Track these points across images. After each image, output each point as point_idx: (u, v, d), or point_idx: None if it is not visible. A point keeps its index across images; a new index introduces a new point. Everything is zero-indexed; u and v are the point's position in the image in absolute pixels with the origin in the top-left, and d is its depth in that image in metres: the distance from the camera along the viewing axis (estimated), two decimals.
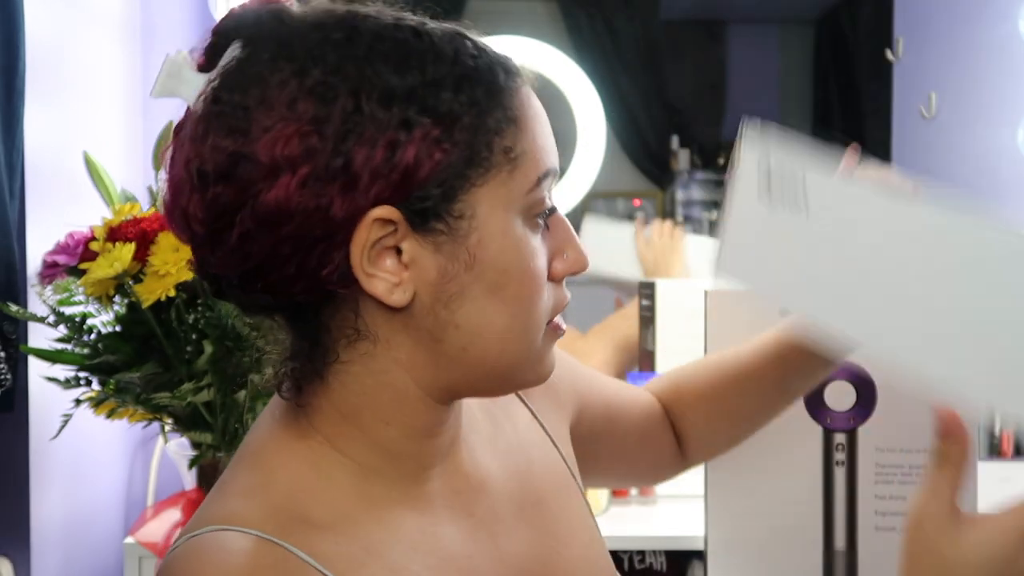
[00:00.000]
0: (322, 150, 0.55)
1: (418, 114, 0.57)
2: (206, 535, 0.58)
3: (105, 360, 1.17)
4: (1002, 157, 2.10)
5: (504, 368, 0.63)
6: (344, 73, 0.56)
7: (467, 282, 0.60)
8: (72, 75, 1.50)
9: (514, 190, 0.60)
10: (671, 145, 5.21)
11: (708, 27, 5.36)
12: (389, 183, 0.56)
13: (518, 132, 0.61)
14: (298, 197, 0.55)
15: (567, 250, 0.65)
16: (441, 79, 0.58)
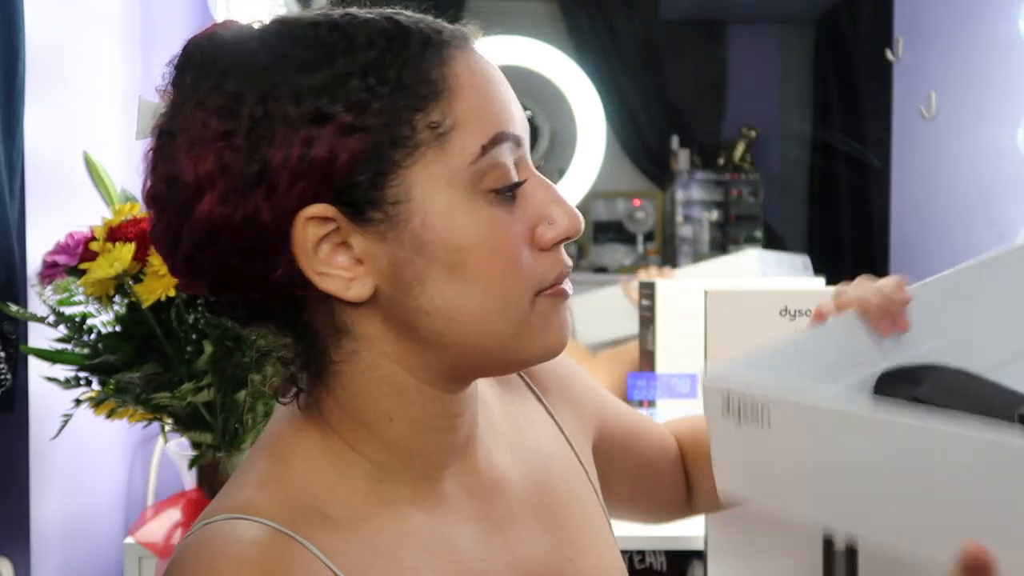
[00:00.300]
0: (236, 161, 0.56)
1: (328, 107, 0.56)
2: (220, 523, 0.59)
3: (105, 360, 1.17)
4: (1002, 157, 2.10)
5: (494, 346, 0.61)
6: (252, 82, 0.57)
7: (422, 266, 0.59)
8: (72, 75, 1.50)
9: (452, 164, 0.58)
10: (671, 145, 5.21)
11: (708, 27, 5.37)
12: (310, 181, 0.56)
13: (448, 104, 0.58)
14: (222, 210, 0.57)
15: (553, 213, 0.62)
16: (350, 69, 0.57)
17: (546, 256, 0.62)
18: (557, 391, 0.81)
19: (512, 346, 0.61)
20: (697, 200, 5.23)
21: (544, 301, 0.62)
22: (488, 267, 0.59)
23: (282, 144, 0.56)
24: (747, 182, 5.24)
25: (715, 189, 5.23)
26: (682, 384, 1.75)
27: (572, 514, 0.73)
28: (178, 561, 0.58)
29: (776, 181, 5.36)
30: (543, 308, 0.62)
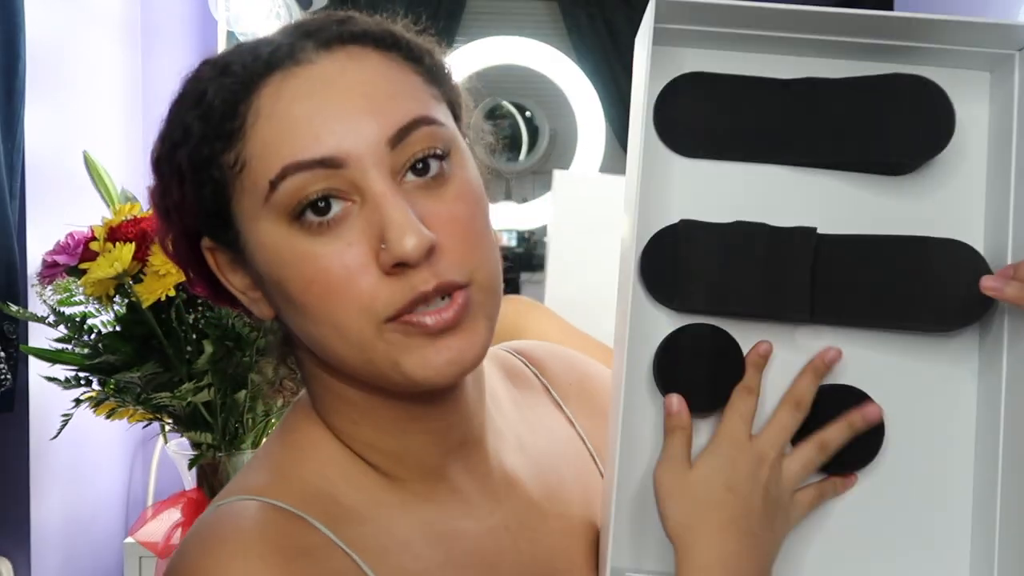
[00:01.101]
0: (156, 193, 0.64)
1: (168, 152, 0.61)
2: (233, 503, 0.60)
3: (105, 360, 1.17)
4: None
5: (358, 371, 0.60)
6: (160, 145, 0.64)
7: (272, 295, 0.61)
8: (72, 75, 1.50)
9: (251, 200, 0.58)
10: None
11: None
12: (180, 218, 0.62)
13: (243, 141, 0.58)
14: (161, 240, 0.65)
15: (387, 236, 0.55)
16: (183, 112, 0.60)
17: (389, 282, 0.56)
18: (578, 395, 0.80)
19: (373, 372, 0.59)
20: None
21: (395, 329, 0.57)
22: (307, 298, 0.57)
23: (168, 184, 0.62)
24: None
25: None
26: None
27: (582, 518, 0.73)
28: (190, 540, 0.59)
29: None
30: (394, 337, 0.57)
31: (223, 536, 0.57)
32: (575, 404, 0.79)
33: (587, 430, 0.78)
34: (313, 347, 0.61)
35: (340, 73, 0.58)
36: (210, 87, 0.59)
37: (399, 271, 0.56)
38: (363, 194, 0.57)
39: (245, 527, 0.58)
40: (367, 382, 0.61)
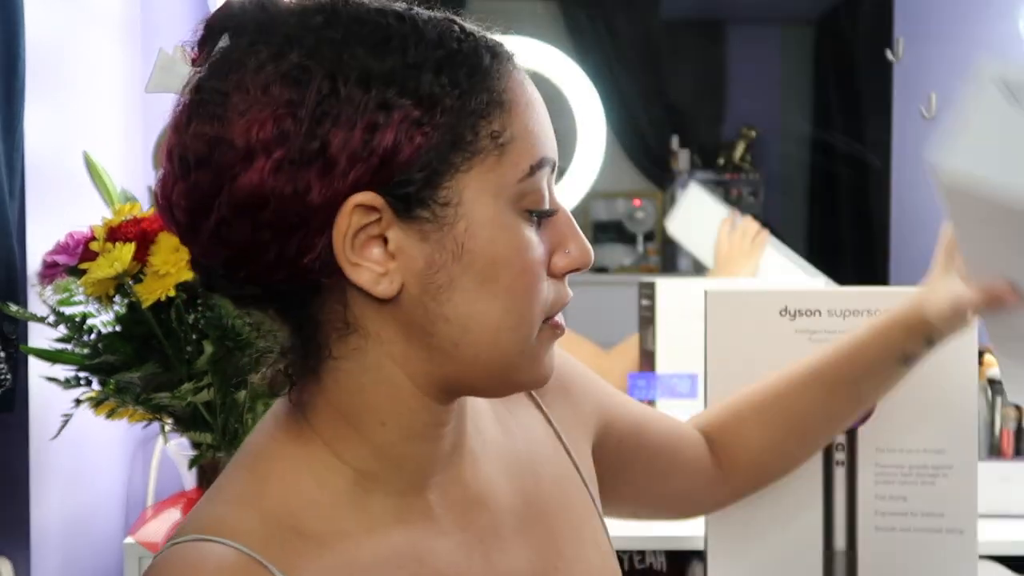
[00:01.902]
0: (296, 133, 0.54)
1: (397, 96, 0.55)
2: (188, 545, 0.58)
3: (105, 360, 1.17)
4: None
5: (498, 366, 0.61)
6: (320, 56, 0.56)
7: (456, 273, 0.58)
8: (72, 75, 1.50)
9: (504, 177, 0.58)
10: (671, 145, 5.21)
11: (708, 27, 5.36)
12: (368, 167, 0.55)
13: (507, 117, 0.59)
14: (273, 181, 0.55)
15: (570, 245, 0.62)
16: (422, 61, 0.56)
17: (557, 285, 0.62)
18: (554, 391, 0.79)
19: (513, 366, 0.61)
20: None
21: (545, 330, 0.62)
22: (516, 284, 0.59)
23: (346, 125, 0.55)
24: (747, 182, 5.24)
25: (715, 189, 5.23)
26: (682, 384, 1.75)
27: (562, 522, 0.72)
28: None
29: (776, 181, 5.35)
30: (544, 337, 0.62)
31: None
32: (550, 398, 0.78)
33: (562, 425, 0.78)
34: (461, 334, 0.59)
35: (533, 87, 0.62)
36: (464, 48, 0.58)
37: (562, 278, 0.63)
38: (557, 202, 0.62)
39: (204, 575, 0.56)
40: (473, 381, 0.62)
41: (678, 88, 5.25)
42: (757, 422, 0.90)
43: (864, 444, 1.00)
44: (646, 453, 0.86)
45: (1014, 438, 1.56)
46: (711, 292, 1.02)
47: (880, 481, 1.00)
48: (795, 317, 0.99)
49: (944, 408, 0.99)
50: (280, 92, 0.55)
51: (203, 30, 0.60)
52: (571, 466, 0.76)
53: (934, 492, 0.99)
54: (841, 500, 1.00)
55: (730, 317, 1.01)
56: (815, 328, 0.99)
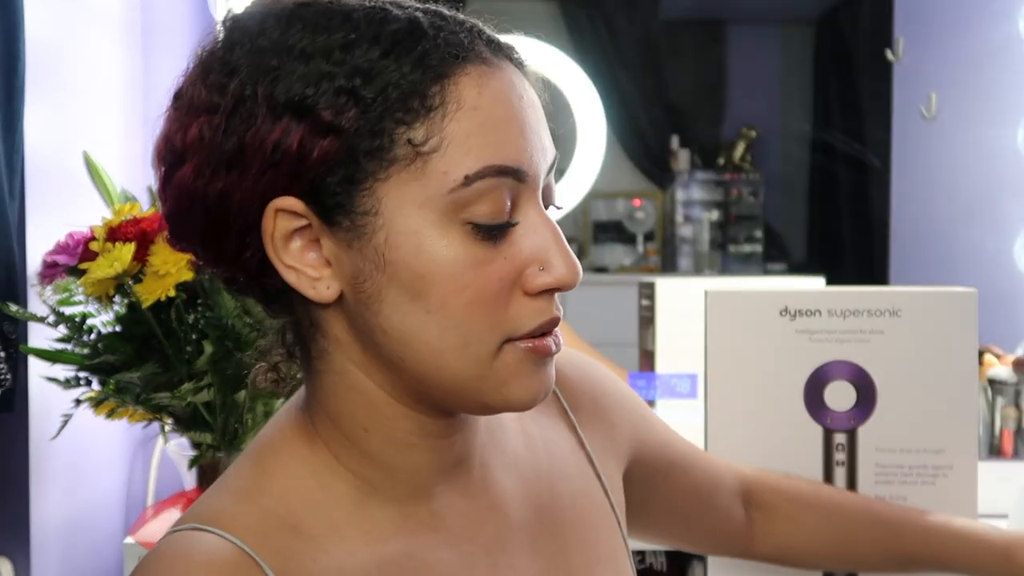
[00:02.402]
0: (213, 137, 0.55)
1: (310, 100, 0.54)
2: (185, 533, 0.58)
3: (105, 360, 1.17)
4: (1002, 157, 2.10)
5: (451, 384, 0.58)
6: (250, 59, 0.56)
7: (382, 284, 0.56)
8: (72, 75, 1.50)
9: (428, 187, 0.55)
10: (671, 145, 5.21)
11: (708, 27, 5.36)
12: (280, 172, 0.55)
13: (439, 122, 0.55)
14: (195, 182, 0.56)
15: (550, 259, 0.57)
16: (341, 67, 0.54)
17: (530, 303, 0.57)
18: (590, 409, 0.76)
19: (471, 388, 0.58)
20: (697, 200, 5.22)
21: (513, 351, 0.58)
22: (451, 302, 0.55)
23: (260, 128, 0.54)
24: (747, 182, 5.24)
25: (715, 189, 5.23)
26: (682, 384, 1.75)
27: (578, 539, 0.70)
28: (141, 568, 0.58)
29: (776, 181, 5.35)
30: (510, 359, 0.58)
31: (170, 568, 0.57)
32: (584, 417, 0.76)
33: (593, 444, 0.75)
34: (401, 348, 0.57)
35: (522, 86, 0.58)
36: (398, 47, 0.55)
37: (543, 295, 0.57)
38: (524, 213, 0.57)
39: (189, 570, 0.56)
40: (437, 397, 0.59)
41: (678, 88, 5.25)
42: (810, 525, 0.90)
43: (864, 444, 1.00)
44: (673, 494, 0.84)
45: (1014, 438, 1.56)
46: (711, 292, 1.02)
47: (880, 481, 1.00)
48: (795, 317, 0.99)
49: (944, 408, 0.99)
50: (205, 97, 0.56)
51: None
52: (597, 484, 0.74)
53: (934, 492, 0.99)
54: None
55: (730, 317, 1.01)
56: (815, 328, 0.99)
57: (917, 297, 1.00)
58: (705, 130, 5.32)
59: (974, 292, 1.00)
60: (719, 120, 5.35)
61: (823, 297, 1.00)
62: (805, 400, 0.99)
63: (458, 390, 0.58)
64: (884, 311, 0.95)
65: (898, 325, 0.99)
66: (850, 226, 4.81)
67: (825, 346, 0.92)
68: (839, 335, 0.95)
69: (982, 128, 2.19)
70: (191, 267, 1.13)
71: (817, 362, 1.00)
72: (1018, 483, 1.51)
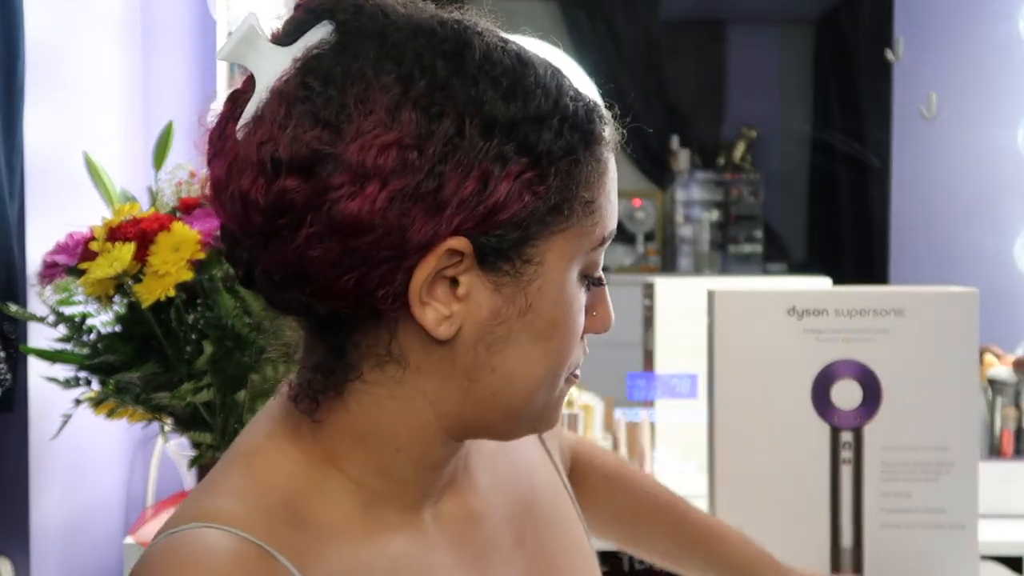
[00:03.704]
0: (418, 168, 0.52)
1: (516, 151, 0.54)
2: (188, 532, 0.55)
3: (105, 360, 1.17)
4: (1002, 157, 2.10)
5: (526, 415, 0.62)
6: (451, 90, 0.54)
7: (517, 328, 0.58)
8: (72, 75, 1.50)
9: (582, 244, 0.59)
10: (671, 145, 5.21)
11: (708, 27, 5.36)
12: (473, 215, 0.54)
13: (598, 186, 0.59)
14: (383, 212, 0.52)
15: (598, 308, 0.63)
16: (543, 116, 0.55)
17: (580, 343, 0.63)
18: None
19: (536, 417, 0.62)
20: (697, 200, 5.22)
21: (565, 384, 0.63)
22: (564, 345, 0.60)
23: (464, 169, 0.53)
24: (747, 182, 5.24)
25: (715, 189, 5.23)
26: (682, 384, 1.75)
27: (555, 537, 0.72)
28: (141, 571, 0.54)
29: (776, 181, 5.35)
30: (563, 390, 0.63)
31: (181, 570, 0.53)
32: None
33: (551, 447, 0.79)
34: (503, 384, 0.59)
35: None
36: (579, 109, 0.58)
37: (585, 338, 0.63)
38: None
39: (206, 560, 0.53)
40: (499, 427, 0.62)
41: (678, 88, 5.25)
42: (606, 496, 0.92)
43: (870, 442, 1.00)
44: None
45: (1014, 438, 1.56)
46: (719, 292, 1.02)
47: (886, 479, 1.00)
48: (802, 317, 0.99)
49: (947, 406, 0.99)
50: (409, 120, 0.53)
51: (301, 12, 0.57)
52: (556, 475, 0.77)
53: (937, 489, 0.99)
54: (847, 498, 1.00)
55: (737, 317, 1.01)
56: (822, 328, 0.99)
57: (921, 297, 1.00)
58: (705, 130, 5.32)
59: (976, 292, 1.01)
60: (719, 120, 5.35)
61: (830, 297, 1.00)
62: (812, 399, 1.00)
63: (527, 419, 0.62)
64: (889, 311, 0.95)
65: (903, 324, 0.99)
66: (850, 226, 4.80)
67: (832, 345, 0.92)
68: (846, 334, 0.95)
69: (982, 128, 2.19)
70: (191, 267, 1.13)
71: (824, 361, 1.00)
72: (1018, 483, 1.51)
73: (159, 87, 1.79)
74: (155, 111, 1.77)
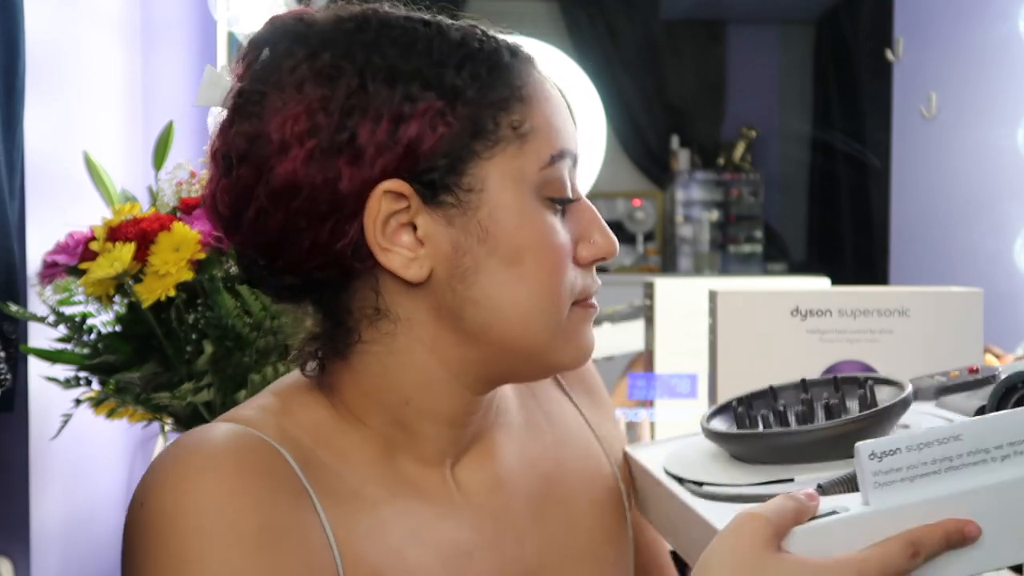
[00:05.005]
0: (327, 125, 0.59)
1: (421, 90, 0.60)
2: (210, 424, 0.62)
3: (105, 360, 1.17)
4: (1002, 157, 2.10)
5: (531, 347, 0.63)
6: (351, 56, 0.60)
7: (481, 256, 0.61)
8: (72, 75, 1.50)
9: (525, 165, 0.62)
10: (671, 145, 5.21)
11: (708, 27, 5.36)
12: (394, 156, 0.59)
13: (527, 110, 0.62)
14: (305, 170, 0.59)
15: (594, 235, 0.65)
16: (445, 59, 0.61)
17: (583, 272, 0.65)
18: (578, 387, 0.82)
19: (546, 349, 0.64)
20: (697, 200, 5.22)
21: (576, 311, 0.65)
22: (541, 267, 0.62)
23: (373, 118, 0.59)
24: (747, 182, 5.24)
25: (715, 189, 5.23)
26: (682, 384, 1.75)
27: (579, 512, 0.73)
28: (161, 453, 0.60)
29: (776, 181, 5.36)
30: (575, 317, 0.65)
31: (195, 446, 0.59)
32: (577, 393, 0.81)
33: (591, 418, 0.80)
34: (491, 316, 0.62)
35: (554, 88, 0.66)
36: (484, 47, 0.63)
37: (590, 266, 0.66)
38: (576, 193, 0.65)
39: (216, 437, 0.59)
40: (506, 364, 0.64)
41: (678, 88, 5.25)
42: None
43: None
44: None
45: None
46: (722, 292, 1.02)
47: None
48: (806, 317, 0.99)
49: None
50: (313, 89, 0.59)
51: (246, 46, 0.65)
52: (605, 461, 0.78)
53: None
54: None
55: (740, 317, 1.01)
56: (826, 328, 0.99)
57: (925, 297, 1.00)
58: (705, 130, 5.32)
59: (980, 292, 1.00)
60: (719, 120, 5.35)
61: (833, 297, 1.00)
62: None
63: (535, 352, 0.64)
64: (893, 311, 0.95)
65: (906, 325, 0.99)
66: (850, 226, 4.81)
67: (836, 346, 0.92)
68: (849, 335, 0.95)
69: (982, 128, 2.19)
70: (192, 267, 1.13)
71: (827, 361, 1.00)
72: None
73: (159, 87, 1.79)
74: (155, 111, 1.77)
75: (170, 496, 0.57)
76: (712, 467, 0.68)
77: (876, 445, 0.54)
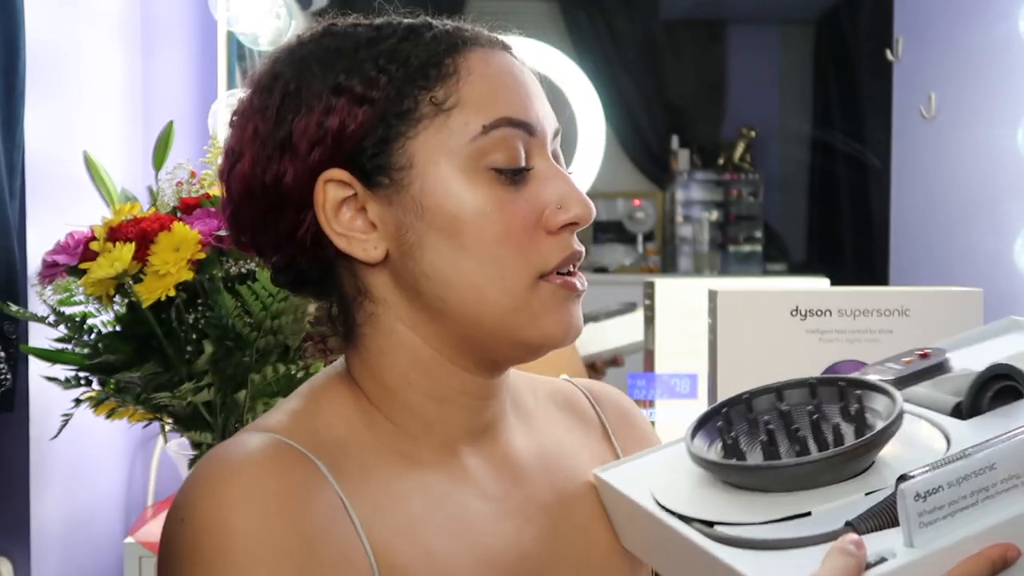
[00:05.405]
0: (266, 129, 0.65)
1: (344, 82, 0.64)
2: (241, 436, 0.65)
3: (105, 360, 1.17)
4: (1002, 157, 2.10)
5: (490, 319, 0.64)
6: (291, 64, 0.66)
7: (422, 230, 0.64)
8: (72, 75, 1.50)
9: (452, 138, 0.64)
10: (671, 145, 5.21)
11: (708, 27, 5.36)
12: (325, 146, 0.64)
13: (455, 85, 0.64)
14: (252, 172, 0.66)
15: (564, 200, 0.65)
16: (369, 55, 0.65)
17: (553, 240, 0.65)
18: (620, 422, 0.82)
19: (509, 323, 0.65)
20: (697, 200, 5.22)
21: (546, 287, 0.65)
22: (481, 237, 0.63)
23: (305, 114, 0.64)
24: (747, 182, 5.24)
25: (715, 189, 5.23)
26: (681, 384, 1.75)
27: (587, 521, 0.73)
28: (198, 466, 0.63)
29: (776, 181, 5.35)
30: (544, 294, 0.65)
31: (225, 460, 0.62)
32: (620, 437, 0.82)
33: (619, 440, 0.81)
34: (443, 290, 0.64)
35: (522, 66, 0.69)
36: (414, 34, 0.66)
37: (562, 232, 0.65)
38: (537, 162, 0.66)
39: (252, 451, 0.62)
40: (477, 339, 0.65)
41: (678, 88, 5.25)
42: None
43: None
44: None
45: None
46: (722, 292, 1.02)
47: None
48: (806, 317, 0.99)
49: None
50: (259, 99, 0.67)
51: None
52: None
53: None
54: None
55: (740, 317, 1.01)
56: (826, 328, 0.99)
57: (925, 297, 1.00)
58: (705, 130, 5.32)
59: (980, 292, 1.00)
60: (719, 120, 5.35)
61: (833, 297, 1.00)
62: None
63: (498, 326, 0.65)
64: (893, 311, 0.95)
65: (906, 325, 0.99)
66: (850, 226, 4.80)
67: (835, 346, 0.92)
68: (849, 335, 0.95)
69: (982, 128, 2.19)
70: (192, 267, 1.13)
71: (827, 361, 1.00)
72: None
73: (159, 87, 1.79)
74: (155, 111, 1.77)
75: (215, 515, 0.59)
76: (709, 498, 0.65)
77: (920, 485, 0.54)
